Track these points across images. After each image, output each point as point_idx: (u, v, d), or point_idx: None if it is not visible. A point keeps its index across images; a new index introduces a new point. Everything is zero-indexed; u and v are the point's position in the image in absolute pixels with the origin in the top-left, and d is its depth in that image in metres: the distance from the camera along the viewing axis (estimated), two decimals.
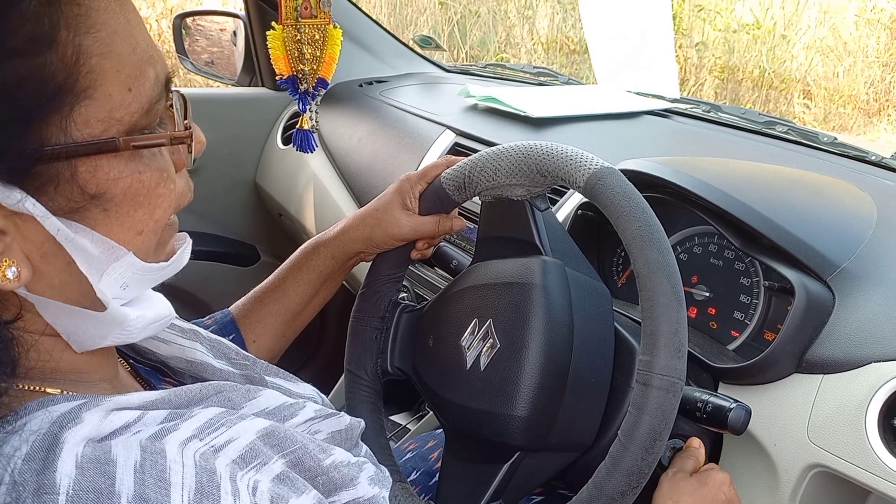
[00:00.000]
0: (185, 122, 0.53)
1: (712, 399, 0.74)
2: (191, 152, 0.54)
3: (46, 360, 0.51)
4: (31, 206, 0.45)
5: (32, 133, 0.44)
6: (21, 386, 0.49)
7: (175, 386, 0.61)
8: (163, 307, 0.56)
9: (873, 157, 1.17)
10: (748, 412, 0.72)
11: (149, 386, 0.62)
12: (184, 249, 0.57)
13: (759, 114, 1.38)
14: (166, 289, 0.58)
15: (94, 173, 0.46)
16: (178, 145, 0.52)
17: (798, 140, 1.26)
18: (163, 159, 0.51)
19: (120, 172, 0.47)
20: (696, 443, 0.79)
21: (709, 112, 1.44)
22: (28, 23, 0.43)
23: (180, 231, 0.58)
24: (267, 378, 0.71)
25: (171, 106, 0.53)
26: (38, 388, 0.50)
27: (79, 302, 0.49)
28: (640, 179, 0.93)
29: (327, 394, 0.74)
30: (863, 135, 4.94)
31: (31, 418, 0.46)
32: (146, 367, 0.65)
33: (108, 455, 0.44)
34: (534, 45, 5.18)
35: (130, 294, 0.52)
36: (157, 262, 0.53)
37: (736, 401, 0.72)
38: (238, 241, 1.95)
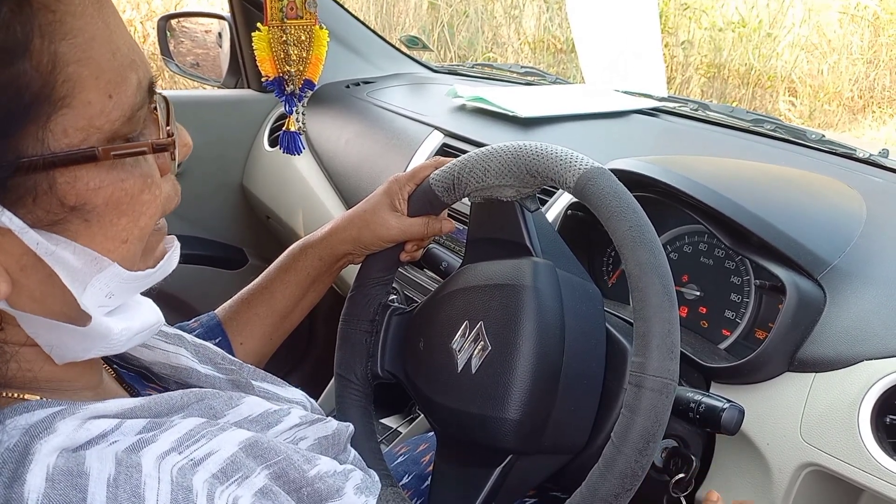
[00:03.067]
0: (168, 128, 0.51)
1: (705, 399, 0.74)
2: (174, 159, 0.52)
3: (27, 370, 0.49)
4: (8, 220, 0.43)
5: (7, 144, 0.42)
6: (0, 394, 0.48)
7: (159, 392, 0.60)
8: (150, 315, 0.55)
9: (861, 155, 1.17)
10: (741, 412, 0.72)
11: (133, 392, 0.61)
12: (171, 253, 0.56)
13: (747, 112, 1.38)
14: (152, 293, 0.57)
15: (73, 184, 0.45)
16: (161, 152, 0.50)
17: (786, 138, 1.26)
18: (147, 165, 0.49)
19: (101, 182, 0.46)
20: (714, 496, 0.75)
21: (697, 110, 1.44)
22: None
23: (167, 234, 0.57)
24: (254, 383, 0.70)
25: (156, 110, 0.51)
26: (16, 395, 0.49)
27: (61, 313, 0.48)
28: (629, 179, 0.93)
29: (317, 397, 0.73)
30: (847, 131, 4.98)
31: (4, 427, 0.45)
32: (130, 373, 0.64)
33: (81, 467, 0.43)
34: (521, 44, 5.18)
35: (116, 302, 0.51)
36: (143, 269, 0.52)
37: (729, 401, 0.72)
38: (225, 245, 1.94)
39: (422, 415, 1.45)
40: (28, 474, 0.42)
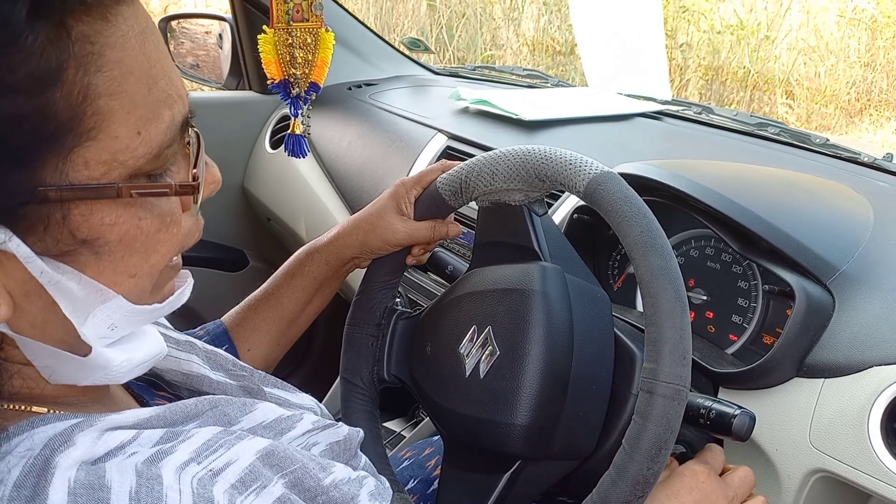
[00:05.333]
0: (194, 170, 0.50)
1: (716, 406, 0.73)
2: (196, 202, 0.50)
3: (32, 386, 0.49)
4: (16, 246, 0.42)
5: (26, 171, 0.41)
6: (5, 406, 0.47)
7: (170, 400, 0.60)
8: (154, 345, 0.54)
9: (866, 159, 1.17)
10: (752, 418, 0.71)
11: (142, 402, 0.60)
12: (182, 290, 0.55)
13: (751, 115, 1.38)
14: None
15: (87, 217, 0.44)
16: (184, 195, 0.49)
17: (790, 141, 1.26)
18: (168, 204, 0.48)
19: (117, 218, 0.45)
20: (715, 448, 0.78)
21: (700, 114, 1.44)
22: (32, 59, 0.40)
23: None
24: (265, 389, 0.70)
25: (189, 144, 0.50)
26: (24, 407, 0.48)
27: (62, 341, 0.47)
28: (636, 182, 0.92)
29: (320, 400, 0.73)
30: (845, 134, 4.98)
31: (21, 440, 0.44)
32: (138, 383, 0.63)
33: (102, 480, 0.42)
34: (520, 46, 5.18)
35: (119, 334, 0.50)
36: (150, 303, 0.51)
37: (740, 407, 0.72)
38: (226, 247, 1.93)
39: (425, 418, 1.44)
40: (50, 489, 0.41)
